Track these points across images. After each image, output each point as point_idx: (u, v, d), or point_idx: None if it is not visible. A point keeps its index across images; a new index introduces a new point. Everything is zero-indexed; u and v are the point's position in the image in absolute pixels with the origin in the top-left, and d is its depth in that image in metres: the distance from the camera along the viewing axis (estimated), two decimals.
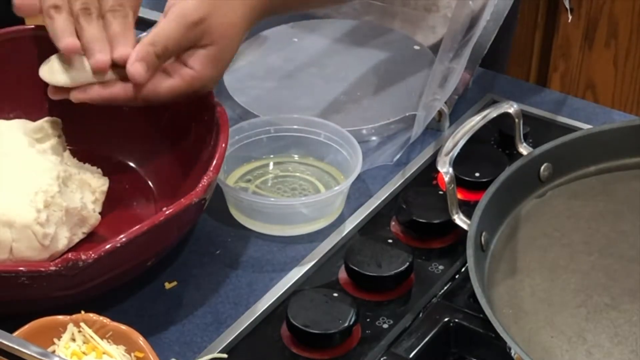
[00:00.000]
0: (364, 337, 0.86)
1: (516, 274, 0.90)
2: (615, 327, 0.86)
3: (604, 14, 1.92)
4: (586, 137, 0.98)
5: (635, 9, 1.90)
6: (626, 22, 1.91)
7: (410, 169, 1.03)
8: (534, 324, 0.86)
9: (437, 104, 1.06)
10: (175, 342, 0.86)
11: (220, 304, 0.90)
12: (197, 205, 0.86)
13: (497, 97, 1.13)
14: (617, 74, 1.97)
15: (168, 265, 0.93)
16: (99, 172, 0.97)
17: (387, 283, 0.89)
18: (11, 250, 0.87)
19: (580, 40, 1.96)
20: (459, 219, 0.91)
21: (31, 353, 0.73)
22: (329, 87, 1.13)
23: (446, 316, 0.87)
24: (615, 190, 0.98)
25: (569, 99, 1.14)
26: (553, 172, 0.97)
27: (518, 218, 0.94)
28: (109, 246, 0.81)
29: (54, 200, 0.88)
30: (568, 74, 2.01)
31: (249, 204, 0.96)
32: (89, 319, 0.80)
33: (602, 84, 1.99)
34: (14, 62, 1.02)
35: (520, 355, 0.78)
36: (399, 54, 1.18)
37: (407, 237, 0.95)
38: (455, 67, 1.07)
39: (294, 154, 1.03)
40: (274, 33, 1.21)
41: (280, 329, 0.87)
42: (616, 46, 1.95)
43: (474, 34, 1.06)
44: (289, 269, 0.93)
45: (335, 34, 1.21)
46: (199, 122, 0.96)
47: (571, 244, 0.93)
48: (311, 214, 0.96)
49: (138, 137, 1.01)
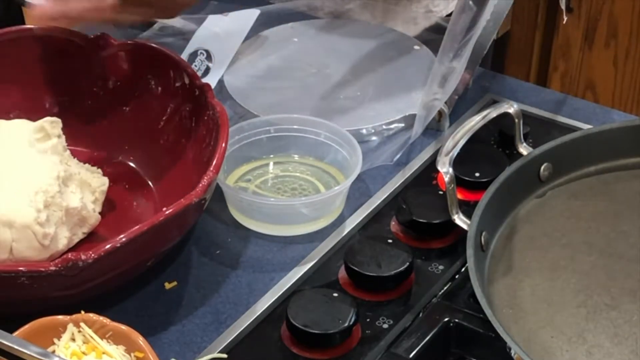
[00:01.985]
0: (364, 337, 0.86)
1: (516, 274, 0.90)
2: (615, 327, 0.86)
3: (604, 14, 1.92)
4: (586, 137, 0.98)
5: (635, 9, 1.90)
6: (626, 22, 1.92)
7: (410, 169, 1.03)
8: (534, 324, 0.86)
9: (437, 104, 1.06)
10: (175, 342, 0.86)
11: (220, 304, 0.90)
12: (197, 205, 0.86)
13: (497, 97, 1.13)
14: (617, 74, 1.97)
15: (168, 265, 0.93)
16: (99, 172, 0.97)
17: (387, 283, 0.89)
18: (11, 250, 0.87)
19: (580, 40, 1.96)
20: (459, 219, 0.91)
21: (31, 353, 0.73)
22: (329, 87, 1.13)
23: (446, 316, 0.87)
24: (615, 190, 0.98)
25: (569, 99, 1.14)
26: (553, 172, 0.97)
27: (518, 218, 0.94)
28: (109, 246, 0.81)
29: (54, 200, 0.88)
30: (568, 74, 2.01)
31: (249, 204, 0.96)
32: (89, 319, 0.80)
33: (602, 84, 1.99)
34: (14, 62, 1.02)
35: (520, 355, 0.78)
36: (399, 54, 1.18)
37: (407, 237, 0.95)
38: (455, 67, 1.07)
39: (294, 154, 1.03)
40: (274, 33, 1.21)
41: (280, 329, 0.87)
42: (616, 46, 1.95)
43: (474, 34, 1.06)
44: (289, 269, 0.93)
45: (335, 34, 1.21)
46: (199, 122, 0.96)
47: (571, 244, 0.93)
48: (311, 214, 0.96)
49: (138, 137, 1.01)
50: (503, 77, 1.18)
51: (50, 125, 0.94)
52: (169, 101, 1.00)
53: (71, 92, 1.03)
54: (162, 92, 1.00)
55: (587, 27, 1.94)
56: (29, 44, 1.02)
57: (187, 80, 0.98)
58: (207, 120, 0.94)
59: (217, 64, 1.12)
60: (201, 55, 1.12)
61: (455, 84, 1.07)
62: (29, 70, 1.03)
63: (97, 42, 1.01)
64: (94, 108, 1.03)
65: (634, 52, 1.94)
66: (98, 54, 1.01)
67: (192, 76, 0.97)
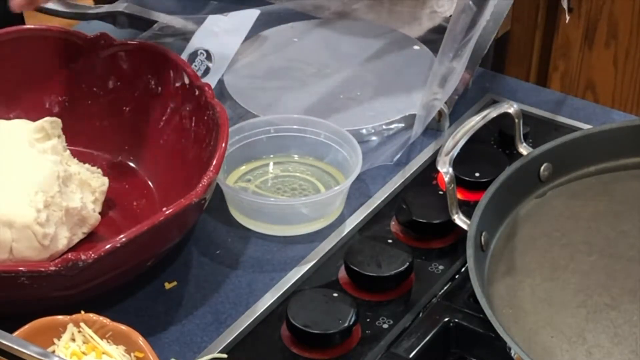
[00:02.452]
0: (363, 337, 0.86)
1: (516, 274, 0.90)
2: (615, 327, 0.86)
3: (604, 14, 1.92)
4: (586, 137, 0.98)
5: (635, 9, 1.90)
6: (626, 22, 1.91)
7: (410, 169, 1.03)
8: (534, 324, 0.86)
9: (437, 104, 1.06)
10: (175, 342, 0.86)
11: (220, 304, 0.90)
12: (197, 205, 0.86)
13: (497, 97, 1.13)
14: (617, 74, 1.97)
15: (168, 265, 0.93)
16: (99, 172, 0.97)
17: (387, 283, 0.89)
18: (11, 250, 0.87)
19: (580, 40, 1.96)
20: (459, 219, 0.91)
21: (31, 353, 0.73)
22: (329, 87, 1.13)
23: (446, 316, 0.87)
24: (615, 190, 0.98)
25: (569, 99, 1.14)
26: (553, 172, 0.97)
27: (518, 218, 0.94)
28: (109, 246, 0.81)
29: (54, 200, 0.88)
30: (568, 74, 2.01)
31: (249, 204, 0.96)
32: (89, 319, 0.80)
33: (602, 84, 1.99)
34: (14, 62, 1.02)
35: (520, 355, 0.78)
36: (399, 54, 1.18)
37: (407, 237, 0.95)
38: (455, 67, 1.07)
39: (294, 154, 1.03)
40: (274, 33, 1.21)
41: (280, 329, 0.87)
42: (616, 46, 1.94)
43: (474, 34, 1.06)
44: (289, 269, 0.93)
45: (335, 34, 1.21)
46: (199, 122, 0.96)
47: (571, 244, 0.93)
48: (311, 214, 0.96)
49: (138, 137, 1.01)
50: (503, 77, 1.18)
51: (50, 125, 0.94)
52: (169, 101, 1.00)
53: (71, 92, 1.03)
54: (162, 92, 1.00)
55: (587, 27, 1.93)
56: (29, 44, 1.02)
57: (187, 81, 0.98)
58: (207, 120, 0.94)
59: (217, 64, 1.12)
60: (201, 55, 1.12)
61: (455, 84, 1.07)
62: (29, 70, 1.03)
63: (97, 42, 1.01)
64: (94, 108, 1.03)
65: (634, 52, 1.94)
66: (98, 54, 1.01)
67: (192, 76, 0.97)
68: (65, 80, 1.03)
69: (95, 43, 1.01)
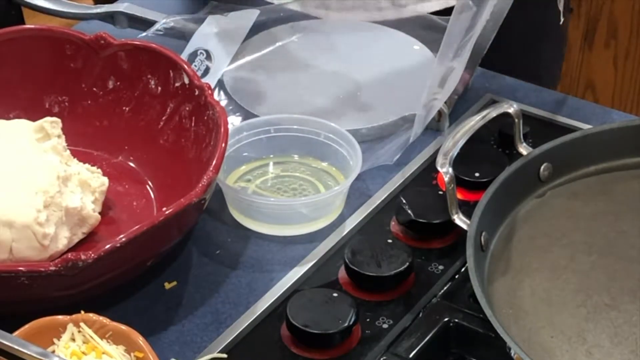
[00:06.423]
0: (363, 337, 0.86)
1: (516, 274, 0.90)
2: (615, 327, 0.86)
3: (604, 14, 1.92)
4: (586, 137, 0.98)
5: (635, 9, 1.90)
6: (626, 22, 1.92)
7: (410, 169, 1.03)
8: (534, 324, 0.86)
9: (437, 104, 1.06)
10: (175, 342, 0.86)
11: (220, 304, 0.90)
12: (197, 205, 0.86)
13: (497, 97, 1.13)
14: (617, 74, 1.98)
15: (168, 265, 0.93)
16: (99, 172, 0.97)
17: (387, 283, 0.89)
18: (11, 250, 0.87)
19: (580, 40, 1.96)
20: (459, 219, 0.91)
21: (31, 353, 0.73)
22: (329, 87, 1.13)
23: (446, 316, 0.87)
24: (615, 190, 0.98)
25: (569, 99, 1.14)
26: (553, 172, 0.97)
27: (518, 218, 0.94)
28: (109, 246, 0.81)
29: (54, 200, 0.88)
30: (568, 74, 2.01)
31: (248, 204, 0.96)
32: (89, 319, 0.80)
33: (602, 84, 1.99)
34: (14, 62, 1.02)
35: (520, 355, 0.78)
36: (399, 54, 1.18)
37: (407, 237, 0.95)
38: (455, 67, 1.07)
39: (294, 154, 1.03)
40: (273, 33, 1.21)
41: (280, 329, 0.87)
42: (616, 46, 1.95)
43: (473, 34, 1.06)
44: (289, 269, 0.93)
45: (335, 34, 1.21)
46: (198, 122, 0.96)
47: (571, 244, 0.93)
48: (311, 214, 0.96)
49: (138, 137, 1.01)
50: (503, 77, 1.18)
51: (50, 125, 0.94)
52: (168, 101, 1.00)
53: (71, 92, 1.03)
54: (162, 92, 1.00)
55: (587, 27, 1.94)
56: (29, 44, 1.02)
57: (187, 80, 0.98)
58: (207, 120, 0.94)
59: (217, 64, 1.12)
60: (201, 55, 1.12)
61: (455, 84, 1.06)
62: (29, 70, 1.03)
63: (97, 42, 1.01)
64: (94, 108, 1.03)
65: (634, 52, 1.94)
66: (98, 54, 1.01)
67: (192, 76, 0.97)
68: (65, 80, 1.03)
69: (95, 43, 1.01)
